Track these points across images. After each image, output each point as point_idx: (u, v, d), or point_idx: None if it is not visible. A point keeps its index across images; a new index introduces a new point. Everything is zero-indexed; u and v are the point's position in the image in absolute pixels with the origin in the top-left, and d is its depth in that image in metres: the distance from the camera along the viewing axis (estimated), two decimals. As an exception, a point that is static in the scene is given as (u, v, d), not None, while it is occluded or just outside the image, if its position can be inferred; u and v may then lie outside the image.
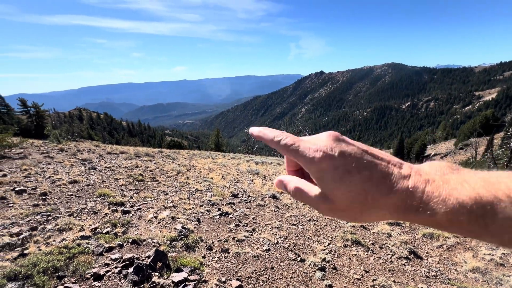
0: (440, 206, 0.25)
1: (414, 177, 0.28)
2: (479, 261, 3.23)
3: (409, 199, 0.27)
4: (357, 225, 4.16)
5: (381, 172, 0.29)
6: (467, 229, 0.24)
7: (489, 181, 0.25)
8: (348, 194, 0.29)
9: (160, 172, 7.45)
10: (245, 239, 3.41)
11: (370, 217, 0.30)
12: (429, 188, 0.27)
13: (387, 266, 3.04)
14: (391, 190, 0.28)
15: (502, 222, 0.23)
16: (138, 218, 3.83)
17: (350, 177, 0.29)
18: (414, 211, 0.27)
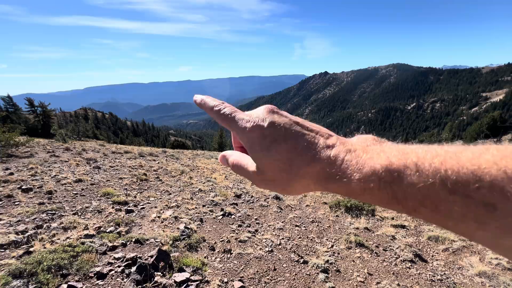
0: (355, 173, 0.26)
1: (338, 147, 0.29)
2: (486, 265, 3.17)
3: (329, 167, 0.28)
4: (361, 227, 4.11)
5: (306, 141, 0.30)
6: (378, 196, 0.25)
7: (403, 151, 0.25)
8: (274, 163, 0.30)
9: (164, 172, 7.49)
10: (247, 239, 3.41)
11: (296, 188, 0.31)
12: (348, 156, 0.27)
13: (391, 269, 3.00)
14: (314, 159, 0.28)
15: (406, 188, 0.23)
16: (142, 218, 3.86)
17: (277, 145, 0.30)
18: (333, 179, 0.27)
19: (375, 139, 0.30)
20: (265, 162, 0.31)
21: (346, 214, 4.77)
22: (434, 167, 0.22)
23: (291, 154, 0.29)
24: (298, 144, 0.30)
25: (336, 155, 0.28)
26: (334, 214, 4.76)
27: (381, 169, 0.25)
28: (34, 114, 23.09)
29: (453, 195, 0.21)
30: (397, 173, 0.24)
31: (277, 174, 0.30)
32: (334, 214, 4.73)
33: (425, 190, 0.22)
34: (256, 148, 0.31)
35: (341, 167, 0.27)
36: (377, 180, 0.25)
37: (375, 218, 4.61)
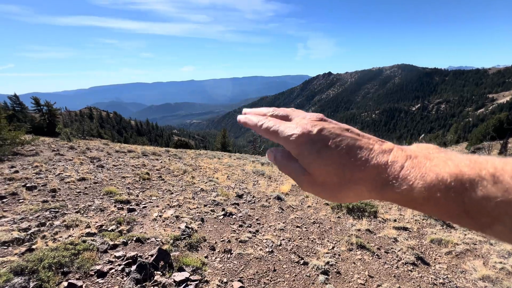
0: (417, 181, 0.24)
1: (396, 152, 0.27)
2: (490, 269, 3.12)
3: (387, 173, 0.26)
4: (362, 229, 4.08)
5: (360, 146, 0.28)
6: (444, 207, 0.22)
7: (475, 161, 0.23)
8: (325, 168, 0.29)
9: (166, 171, 7.53)
10: (248, 240, 3.40)
11: (348, 194, 0.29)
12: (409, 163, 0.25)
13: (392, 272, 2.97)
14: (369, 163, 0.27)
15: (481, 202, 0.20)
16: (143, 217, 3.88)
17: (328, 151, 0.29)
18: (391, 186, 0.25)
19: (437, 148, 0.28)
20: (315, 167, 0.30)
21: (348, 215, 4.74)
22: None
23: (344, 159, 0.28)
24: (351, 149, 0.28)
25: (394, 160, 0.26)
26: (336, 215, 4.73)
27: (450, 177, 0.22)
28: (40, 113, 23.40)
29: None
30: (469, 183, 0.21)
31: (327, 178, 0.29)
32: (335, 215, 4.70)
33: (504, 206, 0.19)
34: (305, 153, 0.30)
35: (401, 173, 0.25)
36: (444, 190, 0.22)
37: (377, 220, 4.57)
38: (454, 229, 4.35)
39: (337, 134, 0.30)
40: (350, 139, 0.29)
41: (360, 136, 0.30)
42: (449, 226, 4.46)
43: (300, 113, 0.35)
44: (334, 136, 0.30)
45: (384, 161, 0.26)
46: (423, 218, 4.69)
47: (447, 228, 4.36)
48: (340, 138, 0.29)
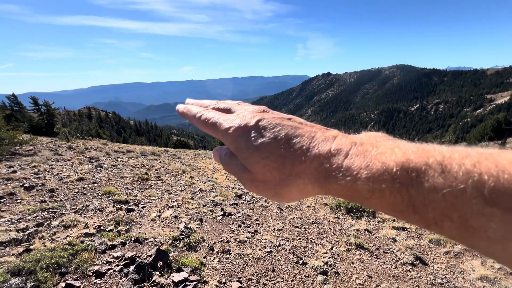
0: (362, 170, 0.21)
1: (340, 140, 0.25)
2: (488, 269, 3.13)
3: (330, 162, 0.23)
4: (361, 229, 4.09)
5: (300, 135, 0.26)
6: (389, 201, 0.20)
7: (423, 149, 0.21)
8: (263, 161, 0.26)
9: (165, 171, 7.51)
10: (247, 240, 3.40)
11: (291, 190, 0.26)
12: (353, 150, 0.23)
13: (391, 272, 2.98)
14: (310, 153, 0.25)
15: (428, 194, 0.18)
16: (142, 217, 3.87)
17: (265, 142, 0.27)
18: (335, 178, 0.23)
19: (385, 136, 0.26)
20: (253, 162, 0.27)
21: (347, 215, 4.75)
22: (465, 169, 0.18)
23: (282, 150, 0.26)
24: (291, 138, 0.26)
25: (338, 148, 0.24)
26: (335, 215, 4.74)
27: (396, 166, 0.20)
28: (38, 113, 23.31)
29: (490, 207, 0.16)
30: (416, 173, 0.19)
31: (267, 173, 0.27)
32: (334, 215, 4.71)
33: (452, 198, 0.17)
34: (241, 147, 0.28)
35: (344, 163, 0.23)
36: (390, 180, 0.20)
37: (376, 220, 4.58)
38: (453, 229, 4.37)
39: (276, 123, 0.28)
40: (290, 128, 0.27)
41: (303, 124, 0.28)
42: (448, 226, 4.47)
43: (244, 106, 0.33)
44: (273, 126, 0.27)
45: (326, 149, 0.24)
46: (422, 218, 4.71)
47: (446, 228, 4.37)
48: (279, 128, 0.27)
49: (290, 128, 0.27)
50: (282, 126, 0.27)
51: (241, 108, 0.33)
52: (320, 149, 0.25)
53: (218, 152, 0.34)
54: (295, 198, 0.28)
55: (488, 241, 0.17)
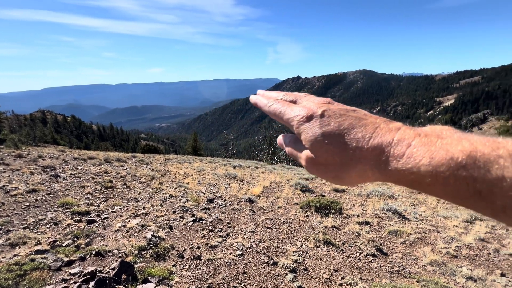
0: (425, 159, 0.22)
1: (404, 130, 0.26)
2: (437, 255, 3.50)
3: (392, 151, 0.24)
4: (329, 226, 4.29)
5: (364, 125, 0.28)
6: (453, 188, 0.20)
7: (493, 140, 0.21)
8: (327, 146, 0.28)
9: (132, 178, 7.11)
10: (218, 244, 3.37)
11: (351, 174, 0.28)
12: (417, 141, 0.23)
13: (355, 264, 3.18)
14: (373, 141, 0.26)
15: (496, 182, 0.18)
16: (105, 228, 3.62)
17: (329, 129, 0.29)
18: (396, 164, 0.23)
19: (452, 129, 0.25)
20: (317, 146, 0.29)
21: (316, 213, 4.95)
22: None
23: (346, 138, 0.27)
24: (354, 127, 0.28)
25: (401, 138, 0.24)
26: (305, 214, 4.91)
27: (462, 155, 0.20)
28: (-21, 118, 20.53)
29: None
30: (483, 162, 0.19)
31: (329, 157, 0.29)
32: (304, 214, 4.88)
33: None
34: (308, 133, 0.30)
35: (407, 151, 0.23)
36: (455, 168, 0.20)
37: (342, 216, 4.84)
38: (409, 220, 4.79)
39: (341, 114, 0.30)
40: (354, 118, 0.29)
41: (367, 115, 0.30)
42: (404, 218, 4.89)
43: (310, 97, 0.36)
44: (338, 116, 0.29)
45: (389, 138, 0.25)
46: (383, 212, 5.09)
47: (403, 220, 4.78)
48: (344, 118, 0.29)
49: (354, 119, 0.29)
50: (347, 117, 0.29)
51: (307, 99, 0.35)
52: (382, 138, 0.26)
53: (283, 138, 0.38)
54: (355, 182, 0.29)
55: None
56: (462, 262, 3.38)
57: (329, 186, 7.23)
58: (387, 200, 5.95)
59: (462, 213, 5.04)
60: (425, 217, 5.01)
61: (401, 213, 5.04)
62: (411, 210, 5.35)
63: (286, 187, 6.93)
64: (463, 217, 4.88)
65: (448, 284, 2.84)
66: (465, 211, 5.11)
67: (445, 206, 5.85)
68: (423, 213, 5.21)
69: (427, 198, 6.50)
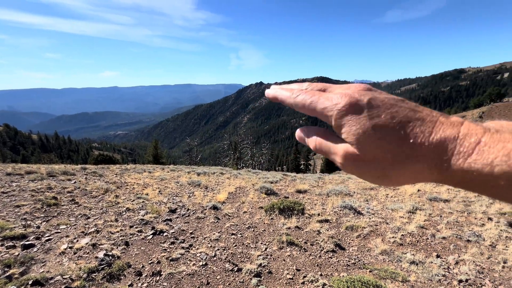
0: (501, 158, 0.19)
1: (468, 125, 0.23)
2: (386, 244, 3.87)
3: (457, 148, 0.21)
4: (292, 227, 4.44)
5: (421, 118, 0.24)
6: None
7: None
8: (378, 141, 0.25)
9: (82, 192, 6.41)
10: (180, 257, 3.23)
11: (404, 173, 0.25)
12: (488, 137, 0.21)
13: (316, 262, 3.34)
14: (434, 137, 0.23)
15: None
16: (46, 252, 3.19)
17: (381, 121, 0.25)
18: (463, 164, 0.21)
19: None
20: (365, 142, 0.25)
21: (280, 215, 5.07)
22: None
23: (402, 132, 0.24)
24: (410, 120, 0.24)
25: (467, 133, 0.22)
26: (269, 217, 5.00)
27: None
28: None
29: None
30: None
31: (379, 154, 0.25)
32: (269, 217, 4.96)
33: None
34: (352, 126, 0.26)
35: (477, 149, 0.21)
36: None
37: (304, 216, 5.05)
38: (363, 215, 5.22)
39: (392, 104, 0.26)
40: (408, 110, 0.25)
41: (420, 108, 0.26)
42: (359, 213, 5.32)
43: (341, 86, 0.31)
44: (389, 106, 0.26)
45: (453, 134, 0.22)
46: (340, 209, 5.46)
47: (358, 215, 5.19)
48: (396, 109, 0.25)
49: (408, 110, 0.25)
50: (399, 107, 0.26)
51: (340, 87, 0.30)
52: (446, 134, 0.23)
53: (304, 132, 0.32)
54: (406, 182, 0.25)
55: None
56: (407, 249, 3.79)
57: (293, 188, 7.49)
58: (344, 197, 6.39)
59: (406, 205, 5.67)
60: (377, 211, 5.51)
61: (356, 209, 5.46)
62: (365, 205, 5.83)
63: (251, 191, 6.98)
64: (407, 208, 5.49)
65: (396, 270, 3.16)
66: (409, 203, 5.77)
67: (392, 199, 6.52)
68: (375, 207, 5.73)
69: (378, 193, 7.17)
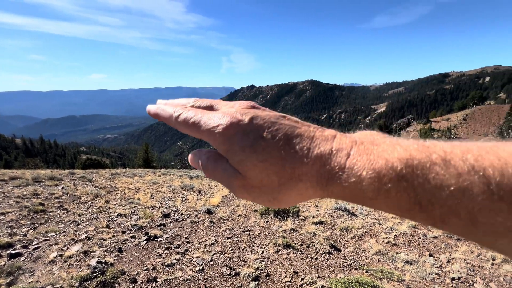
0: (366, 170, 0.20)
1: (340, 139, 0.24)
2: (380, 245, 3.93)
3: (332, 163, 0.22)
4: (287, 229, 4.44)
5: (300, 135, 0.24)
6: (396, 201, 0.20)
7: (423, 145, 0.20)
8: (261, 164, 0.24)
9: (70, 198, 6.21)
10: (176, 262, 3.17)
11: (291, 194, 0.24)
12: (355, 150, 0.22)
13: (313, 264, 3.35)
14: (312, 154, 0.23)
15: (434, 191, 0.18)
16: (35, 261, 3.06)
17: (263, 143, 0.24)
18: (338, 179, 0.22)
19: (382, 134, 0.25)
20: (248, 165, 0.24)
21: (275, 218, 5.07)
22: (469, 164, 0.17)
23: (282, 152, 0.23)
24: (290, 138, 0.24)
25: (339, 148, 0.23)
26: (264, 220, 4.99)
27: (400, 163, 0.19)
28: None
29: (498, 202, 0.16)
30: (420, 170, 0.18)
31: (265, 177, 0.24)
32: (264, 220, 4.95)
33: (459, 195, 0.17)
34: (235, 149, 0.25)
35: (347, 163, 0.22)
36: (395, 179, 0.19)
37: (299, 219, 5.07)
38: (356, 216, 5.29)
39: (273, 122, 0.25)
40: (288, 127, 0.25)
41: (299, 123, 0.26)
42: (353, 215, 5.39)
43: (229, 103, 0.30)
44: (270, 125, 0.25)
45: (328, 149, 0.23)
46: (334, 211, 5.51)
47: (352, 216, 5.25)
48: (276, 127, 0.25)
49: (288, 128, 0.25)
50: (280, 125, 0.25)
51: (226, 105, 0.29)
52: (321, 150, 0.23)
53: (196, 156, 0.30)
54: (294, 202, 0.25)
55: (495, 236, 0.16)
56: (400, 249, 3.87)
57: (286, 191, 7.52)
58: (337, 199, 6.47)
59: (398, 206, 5.80)
60: (370, 211, 5.60)
61: (349, 210, 5.53)
62: (358, 206, 5.92)
63: (245, 194, 6.97)
64: (399, 209, 5.61)
65: (391, 270, 3.21)
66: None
67: (384, 200, 6.65)
68: (368, 208, 5.82)
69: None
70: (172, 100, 0.34)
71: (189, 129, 0.28)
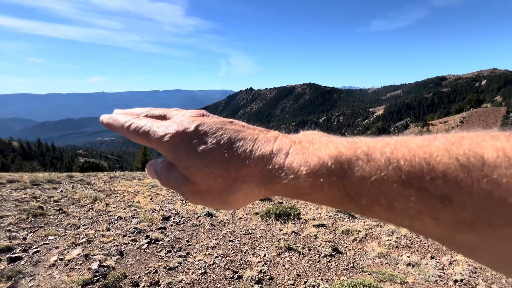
0: (302, 167, 0.22)
1: (280, 140, 0.25)
2: (382, 247, 3.93)
3: (273, 163, 0.24)
4: (289, 232, 4.43)
5: (243, 138, 0.26)
6: (329, 195, 0.22)
7: (352, 141, 0.22)
8: (206, 169, 0.25)
9: (69, 201, 6.16)
10: (178, 265, 3.15)
11: (238, 196, 0.25)
12: (293, 149, 0.24)
13: (315, 266, 3.34)
14: (254, 155, 0.24)
15: (359, 183, 0.20)
16: (35, 265, 3.03)
17: (207, 148, 0.25)
18: (279, 178, 0.23)
19: (321, 133, 0.27)
20: (195, 170, 0.25)
21: (276, 221, 5.06)
22: (386, 157, 0.20)
23: (226, 155, 0.25)
24: (234, 142, 0.25)
25: (279, 148, 0.24)
26: (265, 223, 4.98)
27: (330, 160, 0.21)
28: None
29: (408, 188, 0.18)
30: (347, 164, 0.21)
31: (211, 182, 0.25)
32: (265, 223, 4.94)
33: (378, 185, 0.19)
34: (181, 156, 0.26)
35: (286, 162, 0.23)
36: (327, 175, 0.21)
37: (300, 221, 5.07)
38: (357, 219, 5.29)
39: (218, 127, 0.26)
40: (232, 131, 0.26)
41: (245, 127, 0.27)
42: (354, 217, 5.39)
43: (181, 111, 0.31)
44: (214, 131, 0.26)
45: (269, 150, 0.24)
46: (335, 213, 5.51)
47: (352, 219, 5.25)
48: (221, 132, 0.26)
49: (232, 132, 0.26)
50: (224, 130, 0.26)
51: (177, 114, 0.30)
52: (263, 151, 0.24)
53: (153, 166, 0.31)
54: (243, 203, 0.26)
55: (409, 219, 0.19)
56: (402, 251, 3.87)
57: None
58: (338, 202, 6.47)
59: (398, 208, 5.81)
60: (370, 214, 5.61)
61: (350, 212, 5.54)
62: (359, 209, 5.92)
63: (246, 197, 6.95)
64: (399, 211, 5.62)
65: (393, 272, 3.21)
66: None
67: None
68: (368, 211, 5.83)
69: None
70: (127, 109, 0.34)
71: (140, 139, 0.29)
